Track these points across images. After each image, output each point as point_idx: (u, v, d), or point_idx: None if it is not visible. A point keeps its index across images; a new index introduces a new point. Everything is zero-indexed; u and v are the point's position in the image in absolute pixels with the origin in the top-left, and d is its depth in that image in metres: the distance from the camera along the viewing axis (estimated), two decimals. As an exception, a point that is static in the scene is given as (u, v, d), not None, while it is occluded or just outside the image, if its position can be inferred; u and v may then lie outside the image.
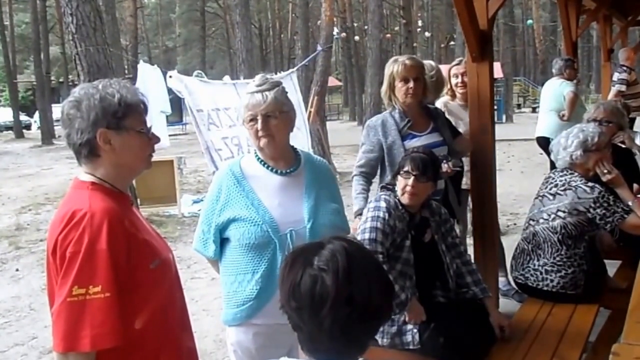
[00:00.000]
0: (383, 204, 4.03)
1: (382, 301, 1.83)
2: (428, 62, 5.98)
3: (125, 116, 2.48)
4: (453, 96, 6.57)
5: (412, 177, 4.00)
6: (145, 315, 2.43)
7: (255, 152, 3.42)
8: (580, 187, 4.62)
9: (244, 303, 3.26)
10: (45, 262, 2.50)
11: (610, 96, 10.46)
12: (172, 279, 2.69)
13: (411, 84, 4.83)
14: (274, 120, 3.28)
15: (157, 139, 2.64)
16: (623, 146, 6.14)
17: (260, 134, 3.29)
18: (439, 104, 6.65)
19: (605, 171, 4.75)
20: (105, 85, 2.49)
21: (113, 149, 2.47)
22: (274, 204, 3.27)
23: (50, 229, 2.43)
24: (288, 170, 3.39)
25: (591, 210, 4.56)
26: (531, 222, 4.93)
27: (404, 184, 4.04)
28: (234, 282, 3.30)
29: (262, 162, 3.38)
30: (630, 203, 4.64)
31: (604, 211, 4.54)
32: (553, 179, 4.87)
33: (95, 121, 2.41)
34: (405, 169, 4.04)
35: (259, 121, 3.27)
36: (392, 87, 4.91)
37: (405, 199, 4.04)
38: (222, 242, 3.35)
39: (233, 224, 3.23)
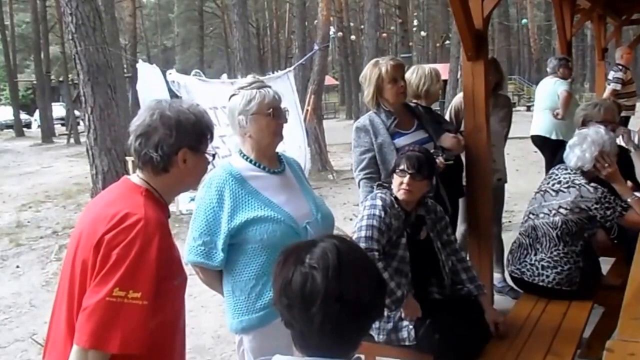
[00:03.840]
0: (379, 202, 4.06)
1: (373, 299, 1.84)
2: (422, 67, 5.99)
3: (205, 140, 2.59)
4: None
5: (408, 176, 4.03)
6: (154, 325, 2.43)
7: (243, 154, 3.43)
8: (583, 186, 4.66)
9: (274, 302, 3.20)
10: (71, 255, 2.49)
11: (606, 94, 10.46)
12: (183, 297, 2.71)
13: (401, 83, 4.85)
14: (283, 116, 3.39)
15: (210, 162, 2.73)
16: (618, 143, 6.15)
17: (280, 129, 3.37)
18: (458, 99, 6.68)
19: (606, 165, 4.77)
20: (191, 106, 2.58)
21: (186, 168, 2.55)
22: (282, 201, 3.30)
23: (92, 224, 2.43)
24: (279, 170, 3.46)
25: (592, 209, 4.60)
26: (531, 216, 4.96)
27: (399, 181, 4.07)
28: (256, 285, 3.25)
29: (256, 164, 3.40)
30: (629, 200, 4.69)
31: (604, 211, 4.58)
32: (557, 175, 4.91)
33: (182, 140, 2.49)
34: (401, 167, 4.07)
35: (281, 116, 3.36)
36: (379, 90, 4.88)
37: (400, 195, 4.08)
38: (229, 248, 3.26)
39: (251, 226, 3.19)
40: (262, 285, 3.24)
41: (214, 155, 2.70)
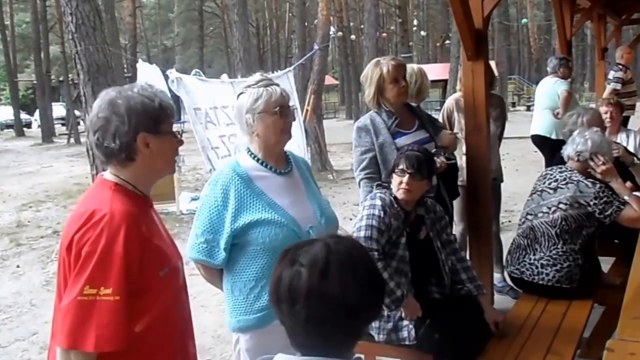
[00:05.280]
0: (378, 202, 4.06)
1: (361, 300, 1.83)
2: (410, 66, 5.98)
3: (164, 120, 2.52)
4: None
5: (407, 175, 4.03)
6: (147, 320, 2.44)
7: (252, 153, 3.41)
8: (581, 181, 4.68)
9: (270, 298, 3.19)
10: (58, 257, 2.49)
11: (606, 94, 10.46)
12: (178, 287, 2.69)
13: (402, 83, 4.85)
14: (291, 114, 3.40)
15: (182, 142, 2.66)
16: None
17: (288, 127, 3.36)
18: (450, 100, 6.68)
19: (600, 163, 4.77)
20: (141, 89, 2.52)
21: (151, 153, 2.50)
22: (286, 203, 3.29)
23: (67, 225, 2.43)
24: (286, 170, 3.44)
25: (591, 204, 4.61)
26: (528, 217, 4.97)
27: (398, 181, 4.07)
28: (255, 287, 3.24)
29: (263, 163, 3.38)
30: (626, 197, 4.68)
31: (603, 205, 4.58)
32: (552, 175, 4.91)
33: (137, 125, 2.44)
34: (400, 167, 4.07)
35: (288, 114, 3.35)
36: (380, 90, 4.87)
37: (399, 194, 4.07)
38: (231, 247, 3.25)
39: (255, 228, 3.19)
40: (261, 287, 3.23)
41: (181, 134, 2.65)
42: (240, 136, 3.56)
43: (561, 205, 4.72)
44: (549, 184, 4.87)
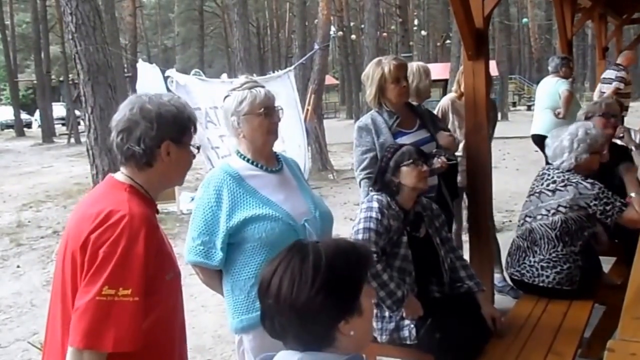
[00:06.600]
0: (375, 204, 4.06)
1: (302, 301, 1.82)
2: (416, 65, 5.96)
3: (187, 132, 2.58)
4: (461, 96, 6.55)
5: (423, 164, 4.11)
6: (149, 321, 2.43)
7: (241, 154, 3.44)
8: (580, 183, 4.64)
9: None
10: (61, 256, 2.48)
11: (609, 93, 10.46)
12: (179, 291, 2.71)
13: (404, 83, 4.84)
14: (276, 115, 3.40)
15: (195, 156, 2.71)
16: (619, 142, 6.16)
17: (274, 127, 3.37)
18: (445, 100, 6.67)
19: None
20: (172, 99, 2.58)
21: (170, 161, 2.54)
22: (280, 199, 3.31)
23: (76, 225, 2.43)
24: (277, 168, 3.47)
25: (592, 205, 4.59)
26: (527, 219, 4.93)
27: (417, 171, 4.09)
28: (256, 284, 3.23)
29: (253, 163, 3.40)
30: (633, 194, 4.69)
31: (603, 207, 4.57)
32: (549, 175, 4.87)
33: (164, 132, 2.49)
34: (410, 159, 4.10)
35: (273, 115, 3.36)
36: (381, 90, 4.86)
37: (421, 184, 4.13)
38: (228, 247, 3.26)
39: (250, 225, 3.19)
40: None
41: (198, 148, 2.70)
42: (230, 138, 3.58)
43: (561, 209, 4.69)
44: (547, 185, 4.83)
